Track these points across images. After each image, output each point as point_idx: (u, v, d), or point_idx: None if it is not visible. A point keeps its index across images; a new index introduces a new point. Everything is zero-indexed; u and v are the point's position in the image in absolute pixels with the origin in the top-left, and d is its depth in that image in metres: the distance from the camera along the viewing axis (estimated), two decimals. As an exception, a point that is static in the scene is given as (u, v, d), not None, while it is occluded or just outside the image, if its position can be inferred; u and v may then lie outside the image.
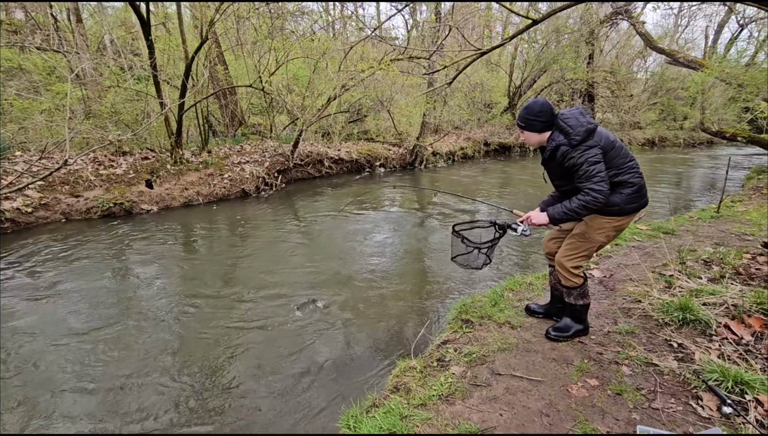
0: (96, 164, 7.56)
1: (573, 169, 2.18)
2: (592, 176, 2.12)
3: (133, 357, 3.07)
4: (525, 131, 2.35)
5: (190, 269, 4.76)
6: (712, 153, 17.14)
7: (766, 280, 3.21)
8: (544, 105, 2.25)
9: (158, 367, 2.95)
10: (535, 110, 2.24)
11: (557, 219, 2.24)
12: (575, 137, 2.15)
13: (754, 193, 7.40)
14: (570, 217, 2.22)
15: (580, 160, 2.14)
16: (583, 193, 2.16)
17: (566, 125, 2.19)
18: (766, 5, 2.42)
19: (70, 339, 3.29)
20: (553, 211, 2.25)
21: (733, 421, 1.91)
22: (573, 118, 2.20)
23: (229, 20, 9.99)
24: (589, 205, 2.15)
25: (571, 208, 2.19)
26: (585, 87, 16.09)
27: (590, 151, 2.14)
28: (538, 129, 2.29)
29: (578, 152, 2.14)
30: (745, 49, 12.18)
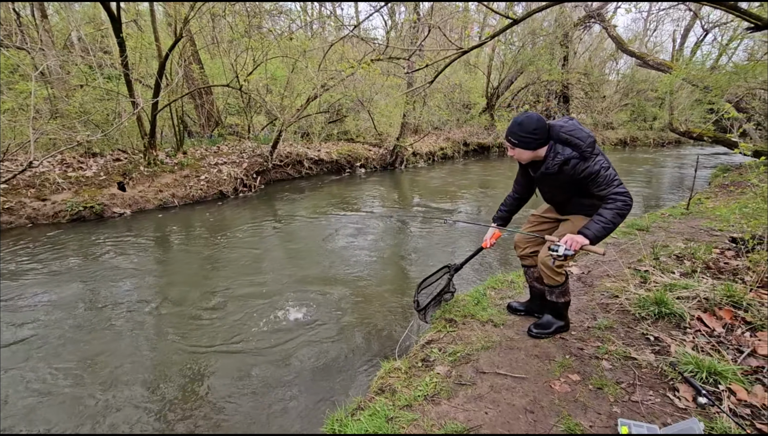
0: (64, 166, 7.24)
1: (588, 180, 2.14)
2: (612, 181, 2.10)
3: (105, 368, 2.94)
4: (517, 148, 2.24)
5: (166, 274, 4.61)
6: (679, 152, 17.83)
7: (734, 273, 3.34)
8: (539, 121, 2.14)
9: (132, 378, 2.84)
10: (531, 128, 2.14)
11: (599, 237, 2.10)
12: (587, 149, 2.12)
13: (720, 191, 7.72)
14: (609, 229, 2.10)
15: (595, 168, 2.11)
16: (611, 201, 2.09)
17: (574, 138, 2.14)
18: (723, 5, 2.51)
19: (35, 351, 3.13)
20: (593, 232, 2.09)
21: (708, 411, 1.97)
22: (578, 129, 2.18)
23: (204, 18, 9.77)
24: (622, 210, 2.08)
25: (609, 219, 2.08)
26: (560, 88, 16.50)
27: (600, 158, 2.13)
28: (534, 147, 2.20)
29: (591, 162, 2.12)
30: (709, 52, 12.72)
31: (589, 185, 2.17)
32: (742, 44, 13.14)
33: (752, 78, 7.61)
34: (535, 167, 2.34)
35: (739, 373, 2.15)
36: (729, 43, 12.39)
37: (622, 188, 2.09)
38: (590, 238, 2.10)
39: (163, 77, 7.48)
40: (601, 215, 2.11)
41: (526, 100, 17.39)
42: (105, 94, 8.52)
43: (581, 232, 2.13)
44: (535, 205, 2.86)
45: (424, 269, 4.62)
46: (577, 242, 2.12)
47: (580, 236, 2.13)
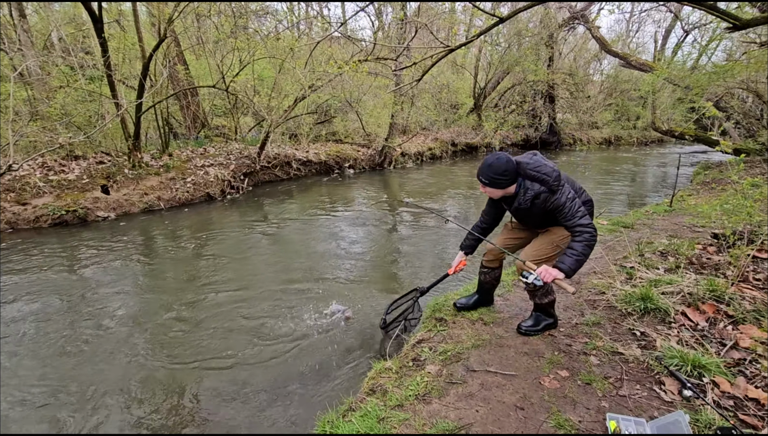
0: (45, 170, 7.07)
1: (557, 211, 2.29)
2: (576, 212, 2.25)
3: (86, 380, 2.88)
4: (486, 187, 2.37)
5: (151, 278, 4.53)
6: (662, 151, 18.20)
7: (716, 268, 3.42)
8: (508, 162, 2.27)
9: (118, 385, 2.78)
10: (501, 169, 2.27)
11: (573, 269, 2.22)
12: (554, 184, 2.26)
13: (702, 188, 7.90)
14: (581, 261, 2.23)
15: (561, 200, 2.26)
16: (578, 233, 2.24)
17: (540, 174, 2.28)
18: (703, 5, 2.58)
19: (16, 359, 3.05)
20: (567, 266, 2.21)
21: (693, 403, 2.01)
22: (543, 165, 2.31)
23: (189, 18, 9.66)
24: (590, 242, 2.23)
25: (580, 252, 2.22)
26: (546, 88, 16.69)
27: (565, 189, 2.28)
28: (504, 186, 2.33)
29: (559, 194, 2.27)
30: (690, 53, 13.01)
31: (556, 215, 2.32)
32: (721, 45, 13.47)
33: (731, 78, 7.81)
34: (509, 202, 2.49)
35: (722, 365, 2.21)
36: (708, 44, 12.70)
37: (586, 220, 2.24)
38: (565, 271, 2.21)
39: (147, 78, 7.36)
40: (572, 248, 2.24)
41: (513, 101, 17.57)
42: (87, 95, 8.35)
43: (557, 265, 2.24)
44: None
45: (414, 268, 4.63)
46: (551, 275, 2.22)
47: (556, 270, 2.23)
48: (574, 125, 19.24)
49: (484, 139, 15.64)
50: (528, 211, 2.41)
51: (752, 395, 2.00)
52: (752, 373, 2.17)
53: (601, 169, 12.73)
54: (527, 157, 2.38)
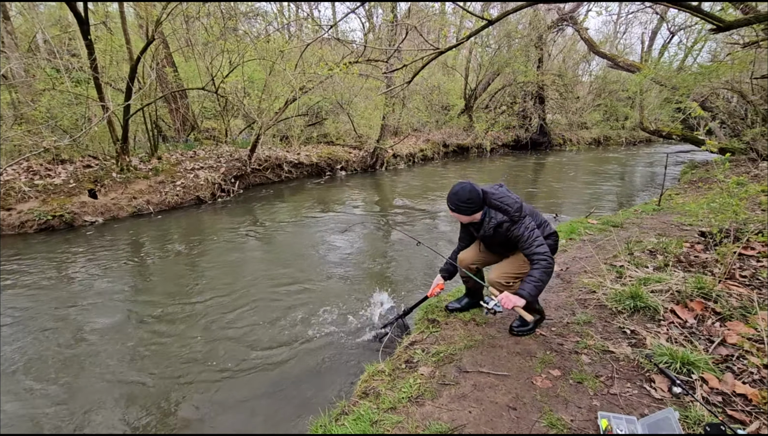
0: (30, 174, 6.95)
1: (516, 240, 2.45)
2: (533, 241, 2.39)
3: (81, 388, 2.82)
4: (454, 213, 2.51)
5: (140, 284, 4.47)
6: (650, 150, 18.46)
7: (703, 266, 3.46)
8: (472, 192, 2.41)
9: (105, 395, 2.73)
10: (464, 198, 2.41)
11: (533, 295, 2.33)
12: (515, 214, 2.43)
13: (689, 187, 8.02)
14: (540, 287, 2.35)
15: (521, 230, 2.41)
16: (536, 261, 2.38)
17: (503, 204, 2.45)
18: (688, 7, 2.61)
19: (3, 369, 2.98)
20: (527, 292, 2.33)
21: (683, 400, 2.03)
22: (506, 196, 2.48)
23: (178, 20, 9.57)
24: (547, 269, 2.36)
25: (538, 278, 2.34)
26: (536, 89, 16.83)
27: (526, 221, 2.44)
28: (469, 213, 2.47)
29: (519, 225, 2.42)
30: (676, 53, 13.23)
31: (517, 244, 2.48)
32: (707, 46, 13.71)
33: (715, 78, 7.95)
34: (476, 228, 2.65)
35: (711, 362, 2.23)
36: (694, 45, 12.93)
37: (542, 248, 2.39)
38: (525, 296, 2.33)
39: (134, 81, 7.27)
40: (531, 275, 2.37)
41: (503, 102, 17.70)
42: (73, 98, 8.22)
43: (518, 293, 2.35)
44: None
45: (406, 269, 4.62)
46: (511, 302, 2.35)
47: (516, 297, 2.35)
48: (564, 126, 19.43)
49: (475, 140, 15.73)
50: (492, 238, 2.58)
51: (740, 391, 2.03)
52: (740, 369, 2.20)
53: (591, 169, 12.87)
54: (493, 188, 2.54)
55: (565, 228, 5.09)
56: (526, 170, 12.53)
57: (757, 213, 4.14)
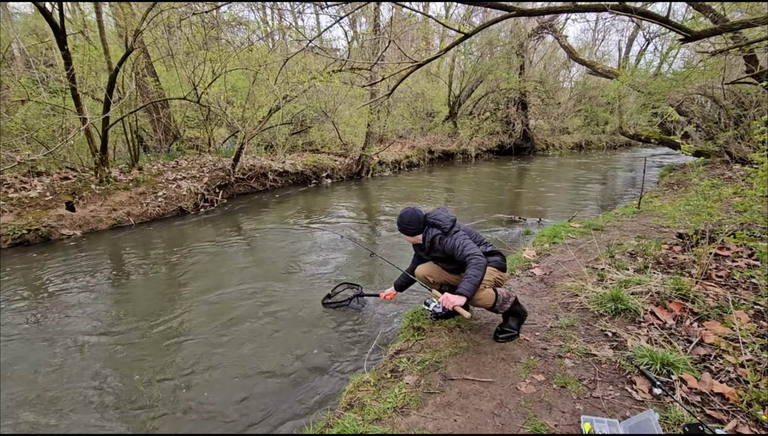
0: (4, 187, 6.74)
1: (452, 250, 2.64)
2: (464, 248, 2.58)
3: (60, 408, 2.72)
4: (403, 234, 2.85)
5: (120, 299, 4.36)
6: (630, 154, 18.91)
7: (681, 267, 3.54)
8: (413, 215, 2.76)
9: (87, 416, 2.64)
10: (406, 220, 2.77)
11: (471, 290, 2.43)
12: (445, 227, 2.71)
13: (667, 189, 8.23)
14: (476, 282, 2.45)
15: (454, 242, 2.64)
16: (468, 262, 2.53)
17: (437, 220, 2.75)
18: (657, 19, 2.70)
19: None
20: (464, 289, 2.44)
21: (663, 400, 2.06)
22: (440, 214, 2.79)
23: (159, 29, 9.47)
24: (478, 266, 2.49)
25: (472, 275, 2.46)
26: (518, 96, 17.13)
27: (458, 234, 2.68)
28: (411, 233, 2.80)
29: (450, 237, 2.67)
30: (651, 60, 13.63)
31: (453, 254, 2.65)
32: (681, 53, 14.18)
33: (689, 84, 8.20)
34: (421, 248, 2.94)
35: (689, 362, 2.28)
36: (668, 53, 13.37)
37: (473, 250, 2.56)
38: (464, 293, 2.43)
39: (113, 91, 7.15)
40: (467, 274, 2.51)
41: (487, 108, 17.95)
42: (50, 109, 8.04)
43: (458, 292, 2.46)
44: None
45: (392, 277, 4.60)
46: (450, 302, 2.47)
47: (456, 296, 2.46)
48: (547, 131, 19.80)
49: (460, 146, 15.89)
50: (433, 252, 2.84)
51: (717, 390, 2.07)
52: (717, 368, 2.25)
53: (573, 173, 13.10)
54: (434, 210, 2.87)
55: (548, 232, 5.15)
56: (510, 175, 12.69)
57: (731, 214, 4.26)
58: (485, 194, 9.66)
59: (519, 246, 5.14)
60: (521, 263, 4.17)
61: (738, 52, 5.62)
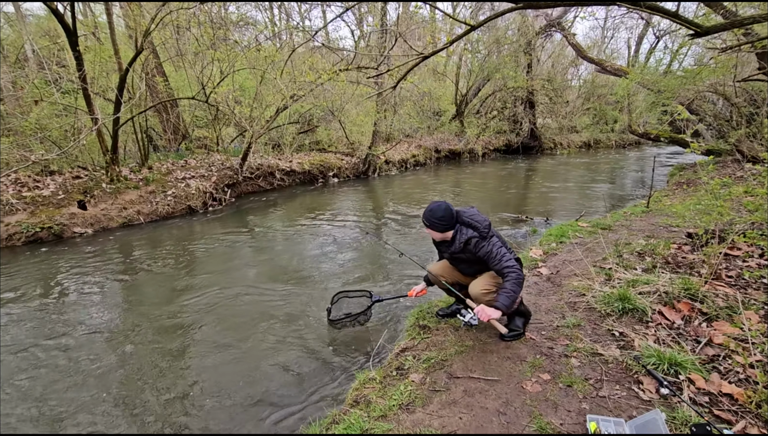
0: (18, 186, 6.87)
1: (486, 256, 2.53)
2: (502, 256, 2.49)
3: (73, 399, 2.78)
4: (428, 229, 2.65)
5: (130, 296, 4.43)
6: (640, 153, 18.70)
7: (690, 267, 3.51)
8: (445, 210, 2.56)
9: (99, 407, 2.69)
10: (438, 215, 2.56)
11: (507, 306, 2.39)
12: (484, 230, 2.55)
13: (677, 188, 8.13)
14: (513, 298, 2.41)
15: (490, 247, 2.52)
16: (506, 274, 2.46)
17: (474, 221, 2.58)
18: (665, 13, 2.67)
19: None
20: (501, 303, 2.39)
21: (670, 401, 2.05)
22: (477, 214, 2.63)
23: (168, 30, 9.58)
24: (517, 280, 2.44)
25: (511, 290, 2.41)
26: (526, 94, 17.02)
27: (494, 240, 2.54)
28: (441, 229, 2.60)
29: (487, 242, 2.53)
30: (662, 58, 13.46)
31: (486, 261, 2.56)
32: (692, 50, 13.98)
33: (699, 81, 8.09)
34: (446, 247, 2.74)
35: (698, 363, 2.26)
36: (679, 50, 13.19)
37: (511, 262, 2.48)
38: (501, 308, 2.40)
39: (124, 91, 7.25)
40: (504, 288, 2.45)
41: (494, 107, 17.86)
42: (62, 109, 8.17)
43: (494, 305, 2.43)
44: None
45: (399, 276, 4.62)
46: (486, 315, 2.42)
47: (492, 309, 2.42)
48: (554, 130, 19.64)
49: (466, 145, 15.84)
50: (462, 254, 2.66)
51: (726, 391, 2.05)
52: (726, 369, 2.22)
53: (581, 172, 13.00)
54: (465, 208, 2.70)
55: (555, 232, 5.13)
56: (518, 174, 12.62)
57: (741, 214, 4.20)
58: (492, 193, 9.63)
59: (526, 245, 5.12)
60: (528, 262, 4.16)
61: (750, 49, 5.54)
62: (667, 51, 14.69)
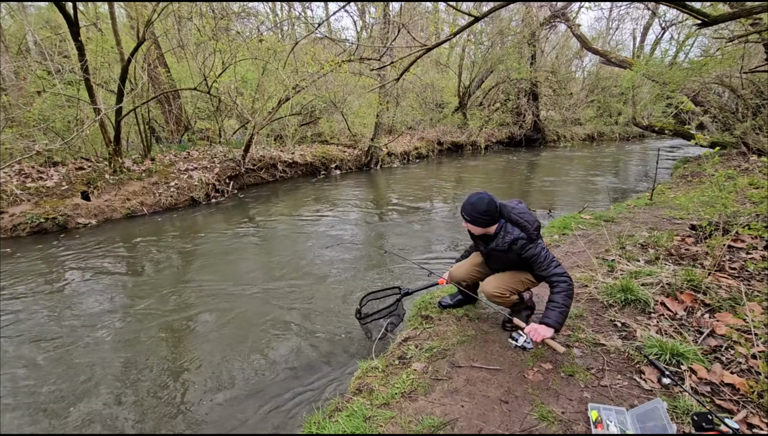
0: (22, 177, 6.89)
1: (531, 260, 2.33)
2: (551, 262, 2.30)
3: (76, 386, 2.82)
4: (468, 224, 2.42)
5: (135, 284, 4.46)
6: (644, 145, 18.57)
7: (694, 259, 3.50)
8: (490, 203, 2.31)
9: (103, 394, 2.73)
10: (482, 209, 2.31)
11: (560, 323, 2.21)
12: (534, 232, 2.33)
13: (681, 181, 8.08)
14: (565, 313, 2.23)
15: (537, 250, 2.31)
16: (556, 284, 2.27)
17: (523, 220, 2.34)
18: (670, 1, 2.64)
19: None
20: (554, 320, 2.20)
21: (672, 390, 2.05)
22: (527, 213, 2.39)
23: (169, 21, 9.52)
24: (568, 291, 2.25)
25: (562, 304, 2.22)
26: (529, 86, 16.88)
27: (541, 242, 2.36)
28: (484, 225, 2.37)
29: (534, 245, 2.33)
30: (667, 49, 13.30)
31: (531, 265, 2.36)
32: (698, 41, 13.79)
33: (705, 73, 8.00)
34: (485, 242, 2.51)
35: (700, 353, 2.26)
36: (685, 41, 13.02)
37: (560, 269, 2.29)
38: (552, 325, 2.19)
39: (126, 82, 7.23)
40: (554, 302, 2.24)
41: (497, 99, 17.73)
42: (65, 100, 8.16)
43: (544, 322, 2.21)
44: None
45: (401, 267, 4.64)
46: (540, 335, 2.20)
47: (544, 327, 2.20)
48: (558, 122, 19.50)
49: (469, 137, 15.76)
50: (503, 254, 2.44)
51: (728, 381, 2.06)
52: (728, 359, 2.23)
53: (585, 165, 12.94)
54: (513, 203, 2.45)
55: (557, 224, 5.12)
56: (521, 167, 12.57)
57: (746, 206, 4.18)
58: (494, 186, 9.60)
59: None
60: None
61: (757, 39, 5.46)
62: (673, 42, 14.50)
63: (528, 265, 2.41)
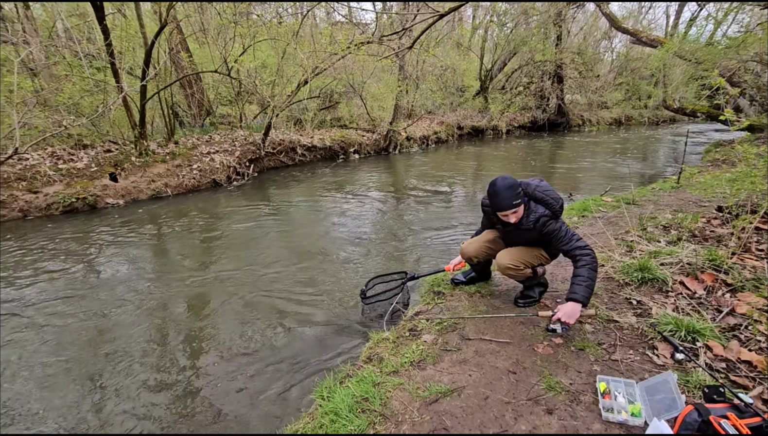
0: (54, 159, 7.21)
1: (551, 235, 2.33)
2: (572, 236, 2.31)
3: (101, 356, 2.99)
4: (512, 212, 2.31)
5: (162, 262, 4.64)
6: (674, 130, 17.79)
7: (718, 240, 3.38)
8: (513, 180, 2.29)
9: (127, 366, 2.89)
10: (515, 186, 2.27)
11: (587, 296, 2.19)
12: (558, 210, 2.34)
13: (711, 166, 7.73)
14: (591, 286, 2.20)
15: (558, 225, 2.32)
16: (579, 258, 2.25)
17: (549, 197, 2.34)
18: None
19: (22, 347, 3.18)
20: (582, 295, 2.18)
21: (685, 366, 2.02)
22: (551, 190, 2.38)
23: (191, 5, 9.64)
24: (592, 264, 2.23)
25: (587, 277, 2.20)
26: (554, 69, 16.35)
27: (562, 220, 2.37)
28: (521, 205, 2.32)
29: (556, 221, 2.34)
30: (703, 26, 12.58)
31: (552, 241, 2.36)
32: (738, 18, 12.99)
33: (743, 50, 7.56)
34: (507, 223, 2.44)
35: (717, 330, 2.21)
36: (725, 16, 12.28)
37: (582, 243, 2.29)
38: (581, 301, 2.19)
39: (149, 65, 7.39)
40: (579, 275, 2.23)
41: (520, 82, 17.28)
42: (94, 85, 8.42)
43: (572, 298, 2.20)
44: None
45: (416, 245, 4.66)
46: (573, 317, 2.20)
47: (571, 304, 2.19)
48: (583, 106, 18.90)
49: (490, 121, 15.46)
50: (525, 232, 2.43)
51: (745, 358, 2.01)
52: (746, 337, 2.17)
53: (611, 149, 12.53)
54: (535, 181, 2.43)
55: (577, 206, 5.02)
56: (542, 151, 12.28)
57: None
58: (515, 170, 9.44)
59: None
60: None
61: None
62: (710, 19, 13.70)
63: (548, 241, 2.41)
